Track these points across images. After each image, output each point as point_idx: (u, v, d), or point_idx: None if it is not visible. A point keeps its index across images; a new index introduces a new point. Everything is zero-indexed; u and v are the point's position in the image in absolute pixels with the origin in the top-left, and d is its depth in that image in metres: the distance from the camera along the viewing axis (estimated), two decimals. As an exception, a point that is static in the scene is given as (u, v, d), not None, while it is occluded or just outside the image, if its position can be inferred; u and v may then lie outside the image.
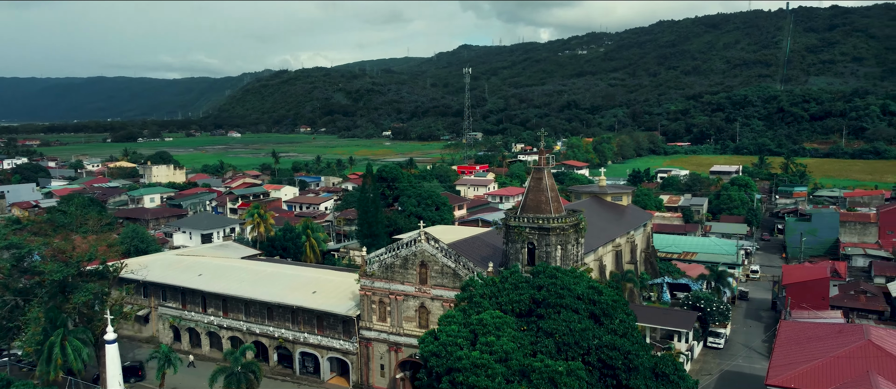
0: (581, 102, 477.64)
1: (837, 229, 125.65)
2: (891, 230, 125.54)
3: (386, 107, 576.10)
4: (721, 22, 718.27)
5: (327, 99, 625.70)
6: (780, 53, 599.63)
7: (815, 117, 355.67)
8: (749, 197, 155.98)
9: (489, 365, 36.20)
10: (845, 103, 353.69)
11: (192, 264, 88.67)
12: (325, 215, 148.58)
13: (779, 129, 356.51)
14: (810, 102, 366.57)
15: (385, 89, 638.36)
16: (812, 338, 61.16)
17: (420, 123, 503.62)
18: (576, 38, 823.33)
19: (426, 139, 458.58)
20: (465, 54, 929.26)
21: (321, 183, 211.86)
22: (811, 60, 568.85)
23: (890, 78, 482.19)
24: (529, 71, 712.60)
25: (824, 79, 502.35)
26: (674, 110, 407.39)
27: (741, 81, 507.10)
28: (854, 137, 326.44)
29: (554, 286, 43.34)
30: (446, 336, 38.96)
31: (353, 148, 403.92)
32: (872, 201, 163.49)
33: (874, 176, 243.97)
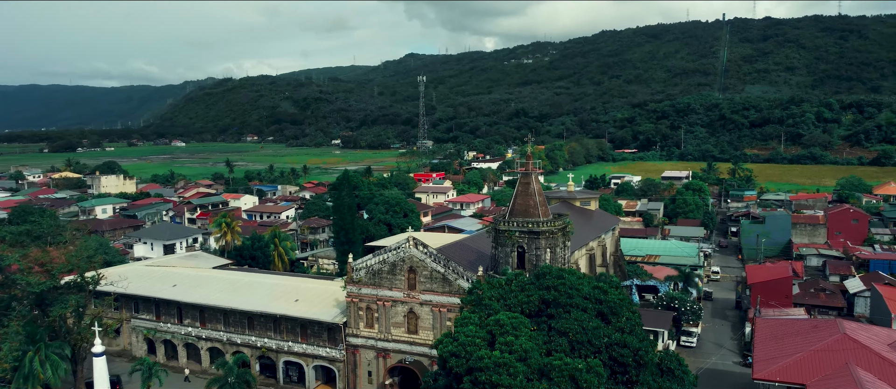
0: (529, 110, 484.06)
1: (789, 230, 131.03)
2: (838, 231, 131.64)
3: (334, 115, 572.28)
4: (661, 32, 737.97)
5: (274, 107, 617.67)
6: (717, 63, 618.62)
7: (754, 124, 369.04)
8: (703, 201, 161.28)
9: (511, 364, 36.93)
10: (783, 111, 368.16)
11: (164, 274, 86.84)
12: (288, 224, 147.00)
13: (721, 135, 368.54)
14: (750, 110, 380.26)
15: (333, 98, 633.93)
16: (789, 333, 63.94)
17: (370, 131, 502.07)
18: (521, 48, 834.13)
19: (377, 148, 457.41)
20: (411, 63, 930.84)
21: (278, 192, 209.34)
22: (747, 69, 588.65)
23: (820, 86, 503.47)
24: (476, 80, 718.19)
25: (760, 87, 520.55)
26: (620, 118, 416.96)
27: (682, 89, 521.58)
28: (791, 143, 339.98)
29: (563, 286, 44.44)
30: (465, 337, 39.52)
31: (302, 157, 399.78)
32: (816, 203, 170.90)
33: (813, 180, 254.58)
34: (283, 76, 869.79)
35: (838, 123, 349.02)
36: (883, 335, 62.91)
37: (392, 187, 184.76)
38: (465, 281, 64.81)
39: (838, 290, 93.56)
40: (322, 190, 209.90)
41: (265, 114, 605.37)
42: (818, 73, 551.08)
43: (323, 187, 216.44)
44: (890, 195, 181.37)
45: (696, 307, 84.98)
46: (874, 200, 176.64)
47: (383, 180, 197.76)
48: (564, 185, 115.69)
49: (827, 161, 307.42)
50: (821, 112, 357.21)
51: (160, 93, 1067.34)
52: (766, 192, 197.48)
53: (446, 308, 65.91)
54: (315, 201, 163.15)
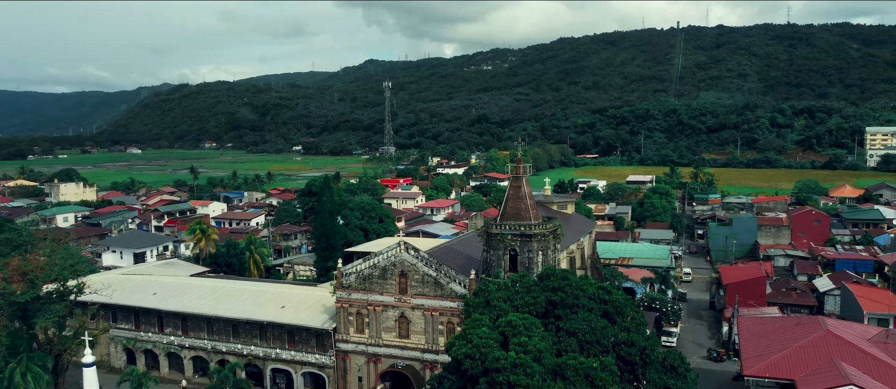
0: (491, 116, 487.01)
1: (755, 232, 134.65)
2: (802, 233, 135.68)
3: (295, 121, 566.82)
4: (618, 39, 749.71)
5: (233, 114, 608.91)
6: (672, 70, 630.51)
7: (711, 129, 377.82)
8: (670, 205, 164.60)
9: (527, 364, 37.38)
10: (738, 116, 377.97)
11: (142, 283, 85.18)
12: (259, 231, 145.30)
13: (679, 140, 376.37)
14: (707, 116, 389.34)
15: (293, 104, 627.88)
16: (773, 331, 65.86)
17: (331, 137, 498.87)
18: (480, 54, 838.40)
19: (339, 154, 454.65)
20: (371, 69, 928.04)
21: (244, 199, 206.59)
22: (701, 75, 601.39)
23: (771, 92, 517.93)
24: (436, 86, 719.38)
25: (714, 94, 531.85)
26: (581, 124, 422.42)
27: (639, 95, 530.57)
28: (747, 147, 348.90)
29: (569, 287, 45.14)
30: (479, 339, 39.83)
31: (263, 163, 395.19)
32: (777, 206, 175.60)
33: (770, 183, 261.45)
34: (241, 82, 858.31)
35: (791, 129, 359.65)
36: (861, 330, 65.26)
37: (361, 193, 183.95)
38: (458, 285, 65.18)
39: (808, 289, 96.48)
40: (290, 197, 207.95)
41: (224, 120, 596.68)
42: (769, 79, 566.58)
43: (290, 194, 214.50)
44: (845, 198, 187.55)
45: (676, 308, 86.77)
46: (830, 202, 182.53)
47: (352, 186, 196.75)
48: (540, 190, 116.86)
49: (781, 165, 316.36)
50: (774, 118, 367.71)
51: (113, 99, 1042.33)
52: (727, 195, 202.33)
53: (438, 312, 66.17)
54: (286, 208, 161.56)
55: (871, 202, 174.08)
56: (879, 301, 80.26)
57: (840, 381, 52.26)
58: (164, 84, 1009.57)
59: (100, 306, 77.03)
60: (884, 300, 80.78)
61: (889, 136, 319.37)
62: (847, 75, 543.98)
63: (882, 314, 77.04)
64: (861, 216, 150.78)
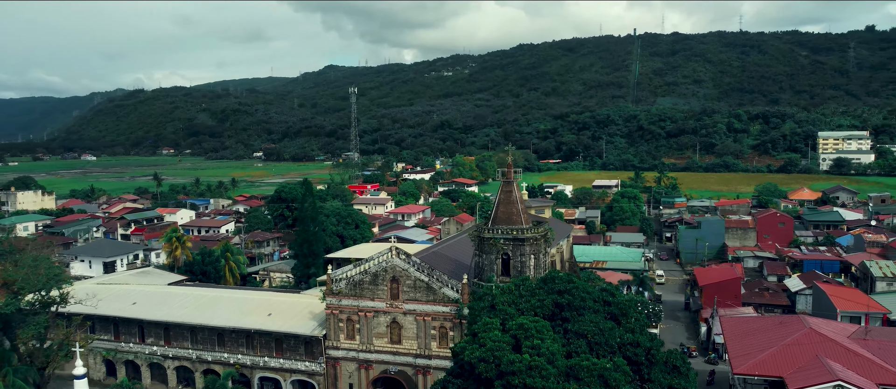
0: (453, 122, 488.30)
1: (723, 235, 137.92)
2: (767, 234, 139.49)
3: (255, 127, 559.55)
4: (576, 46, 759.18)
5: (191, 119, 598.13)
6: (630, 76, 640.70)
7: (670, 135, 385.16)
8: (638, 209, 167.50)
9: (542, 367, 37.88)
10: (696, 122, 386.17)
11: (121, 292, 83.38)
12: (230, 238, 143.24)
13: (640, 145, 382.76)
14: (666, 121, 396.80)
15: (252, 109, 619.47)
16: (756, 330, 67.62)
17: (293, 143, 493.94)
18: (441, 60, 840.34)
19: (301, 160, 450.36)
20: (331, 75, 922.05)
21: (211, 206, 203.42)
22: (658, 82, 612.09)
23: (725, 98, 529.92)
24: (397, 92, 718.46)
25: (670, 99, 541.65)
26: (543, 129, 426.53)
27: (597, 101, 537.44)
28: (705, 152, 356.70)
29: (576, 290, 45.82)
30: (492, 342, 40.18)
31: (224, 170, 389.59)
32: (740, 209, 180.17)
33: (729, 187, 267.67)
34: (199, 88, 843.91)
35: (747, 134, 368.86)
36: (840, 328, 67.44)
37: (331, 199, 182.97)
38: (451, 290, 65.48)
39: (780, 289, 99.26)
40: (257, 203, 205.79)
41: (181, 126, 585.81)
42: (723, 85, 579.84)
43: (258, 201, 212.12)
44: (803, 200, 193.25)
45: (657, 309, 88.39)
46: (790, 204, 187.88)
47: (321, 192, 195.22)
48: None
49: (739, 169, 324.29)
50: (731, 123, 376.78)
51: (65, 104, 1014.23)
52: (690, 199, 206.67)
53: (431, 317, 66.35)
54: (256, 215, 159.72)
55: (829, 205, 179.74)
56: (851, 300, 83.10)
57: (828, 377, 54.00)
58: (118, 89, 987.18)
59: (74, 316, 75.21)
60: (855, 299, 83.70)
61: (840, 140, 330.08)
62: (797, 82, 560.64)
63: (855, 313, 79.65)
64: (822, 218, 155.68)
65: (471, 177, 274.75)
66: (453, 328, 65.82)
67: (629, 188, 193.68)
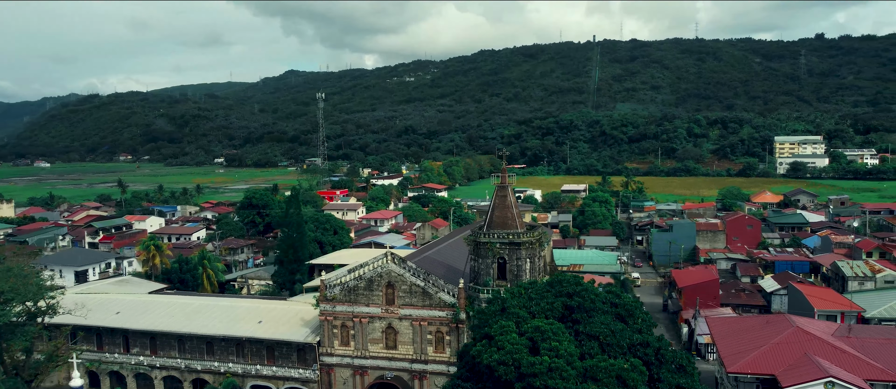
0: (417, 127, 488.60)
1: (694, 237, 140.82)
2: (736, 237, 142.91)
3: (215, 133, 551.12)
4: (537, 52, 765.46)
5: (148, 125, 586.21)
6: (590, 82, 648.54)
7: (632, 140, 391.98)
8: (609, 212, 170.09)
9: (563, 368, 38.49)
10: (657, 127, 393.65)
11: (103, 301, 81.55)
12: (202, 245, 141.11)
13: (603, 150, 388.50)
14: (628, 126, 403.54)
15: (212, 115, 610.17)
16: (744, 330, 69.45)
17: (255, 149, 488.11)
18: (403, 66, 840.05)
19: (263, 166, 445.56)
20: (292, 80, 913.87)
21: (178, 213, 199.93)
22: (617, 87, 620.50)
23: (683, 104, 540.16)
24: (359, 97, 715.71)
25: (629, 105, 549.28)
26: (507, 134, 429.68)
27: (558, 106, 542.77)
28: (667, 156, 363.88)
29: (586, 292, 46.62)
30: (510, 345, 40.64)
31: (185, 176, 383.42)
32: (707, 212, 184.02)
33: (691, 190, 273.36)
34: (156, 93, 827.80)
35: (707, 138, 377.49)
36: (824, 327, 69.72)
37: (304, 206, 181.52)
38: (447, 295, 65.75)
39: (755, 290, 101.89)
40: (225, 210, 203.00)
41: (139, 132, 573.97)
42: (680, 91, 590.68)
43: (226, 207, 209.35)
44: (766, 203, 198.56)
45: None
46: (753, 207, 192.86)
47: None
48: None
49: (700, 173, 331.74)
50: (691, 128, 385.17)
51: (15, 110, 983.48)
52: (657, 202, 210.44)
53: (427, 322, 66.51)
54: (229, 222, 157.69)
55: (791, 208, 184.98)
56: (827, 299, 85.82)
57: (819, 374, 55.83)
58: (71, 94, 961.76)
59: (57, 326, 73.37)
60: (830, 298, 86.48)
61: (796, 145, 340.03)
62: (751, 88, 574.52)
63: (831, 311, 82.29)
64: (786, 220, 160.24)
65: (439, 182, 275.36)
66: (450, 333, 66.12)
67: (598, 193, 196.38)
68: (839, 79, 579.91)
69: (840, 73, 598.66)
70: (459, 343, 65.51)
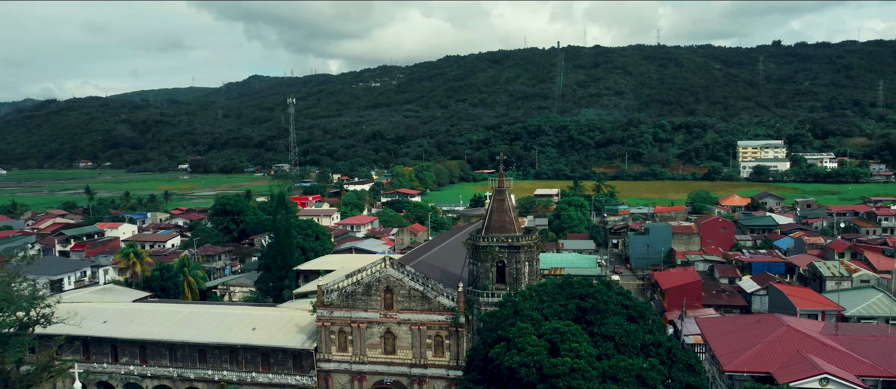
0: (385, 132, 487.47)
1: (670, 240, 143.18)
2: (710, 239, 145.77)
3: (179, 139, 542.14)
4: (502, 58, 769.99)
5: (109, 131, 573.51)
6: (555, 87, 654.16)
7: (599, 144, 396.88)
8: (585, 216, 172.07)
9: (585, 369, 39.01)
10: (623, 132, 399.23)
11: (88, 311, 79.65)
12: (178, 253, 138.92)
13: (571, 155, 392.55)
14: (595, 131, 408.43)
15: (175, 120, 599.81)
16: (735, 329, 70.96)
17: (220, 155, 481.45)
18: (368, 71, 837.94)
19: (229, 172, 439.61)
20: (256, 85, 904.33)
21: (148, 220, 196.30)
22: (581, 93, 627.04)
23: (646, 109, 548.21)
24: (325, 102, 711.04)
25: (593, 110, 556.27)
26: (476, 140, 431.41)
27: (524, 112, 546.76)
28: (633, 161, 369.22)
29: (599, 293, 47.28)
30: (531, 347, 41.01)
31: (149, 183, 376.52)
32: (678, 215, 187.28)
33: (659, 194, 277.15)
34: (116, 98, 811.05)
35: (672, 143, 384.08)
36: (811, 325, 71.65)
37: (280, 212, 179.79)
38: (446, 298, 66.03)
39: (735, 291, 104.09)
40: (197, 216, 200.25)
41: (99, 138, 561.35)
42: (643, 97, 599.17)
43: (197, 214, 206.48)
44: (735, 206, 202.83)
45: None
46: (723, 210, 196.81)
47: (265, 204, 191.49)
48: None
49: (666, 177, 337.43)
50: (657, 133, 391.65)
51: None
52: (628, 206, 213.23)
53: (426, 326, 66.66)
54: (205, 228, 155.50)
55: (760, 210, 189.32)
56: (808, 299, 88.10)
57: (814, 371, 57.39)
58: (26, 100, 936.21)
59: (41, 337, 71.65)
60: (810, 298, 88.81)
61: (758, 149, 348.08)
62: (712, 93, 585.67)
63: (812, 310, 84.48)
64: (757, 223, 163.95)
65: (411, 187, 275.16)
66: (449, 337, 66.40)
67: (574, 197, 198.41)
68: (796, 85, 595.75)
69: (797, 79, 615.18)
70: (459, 347, 65.86)
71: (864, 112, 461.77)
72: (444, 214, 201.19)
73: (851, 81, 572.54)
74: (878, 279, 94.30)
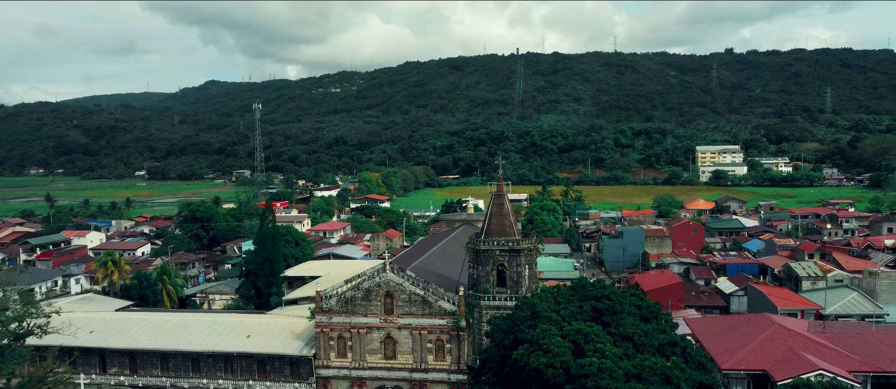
0: (348, 138, 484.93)
1: (643, 243, 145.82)
2: (681, 242, 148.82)
3: (134, 145, 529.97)
4: (462, 64, 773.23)
5: (61, 137, 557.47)
6: (514, 94, 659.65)
7: (562, 150, 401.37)
8: (557, 221, 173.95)
9: (613, 369, 39.69)
10: (585, 137, 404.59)
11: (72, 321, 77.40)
12: (151, 261, 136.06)
13: (534, 161, 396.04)
14: (557, 137, 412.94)
15: (130, 126, 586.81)
16: (726, 329, 72.75)
17: (178, 161, 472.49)
18: (328, 77, 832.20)
19: (188, 179, 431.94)
20: (213, 90, 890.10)
21: (113, 228, 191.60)
22: (541, 99, 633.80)
23: (604, 115, 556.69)
24: (284, 108, 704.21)
25: (553, 116, 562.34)
26: (440, 145, 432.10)
27: (484, 118, 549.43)
28: (596, 166, 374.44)
29: (615, 295, 48.10)
30: (557, 348, 41.51)
31: (105, 190, 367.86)
32: (646, 219, 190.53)
33: (623, 199, 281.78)
34: (67, 103, 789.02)
35: (633, 148, 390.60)
36: (797, 324, 73.90)
37: (247, 218, 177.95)
38: (447, 303, 66.24)
39: (713, 291, 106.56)
40: (163, 224, 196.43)
41: (51, 144, 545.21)
42: (602, 103, 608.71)
43: (163, 221, 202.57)
44: (700, 210, 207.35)
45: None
46: (688, 214, 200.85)
47: (233, 211, 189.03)
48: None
49: (628, 182, 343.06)
50: (618, 138, 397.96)
51: None
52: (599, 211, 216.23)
53: (427, 330, 66.74)
54: (174, 236, 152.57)
55: (726, 214, 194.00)
56: (787, 298, 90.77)
57: (809, 368, 59.25)
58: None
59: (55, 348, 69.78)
60: (789, 298, 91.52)
61: (716, 153, 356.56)
62: (668, 99, 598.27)
63: (792, 309, 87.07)
64: (724, 226, 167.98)
65: (379, 193, 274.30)
66: (450, 341, 66.59)
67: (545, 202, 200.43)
68: (748, 91, 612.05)
69: (749, 85, 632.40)
70: (461, 351, 66.14)
71: (813, 118, 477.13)
72: (415, 219, 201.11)
73: (800, 88, 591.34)
74: (850, 278, 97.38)
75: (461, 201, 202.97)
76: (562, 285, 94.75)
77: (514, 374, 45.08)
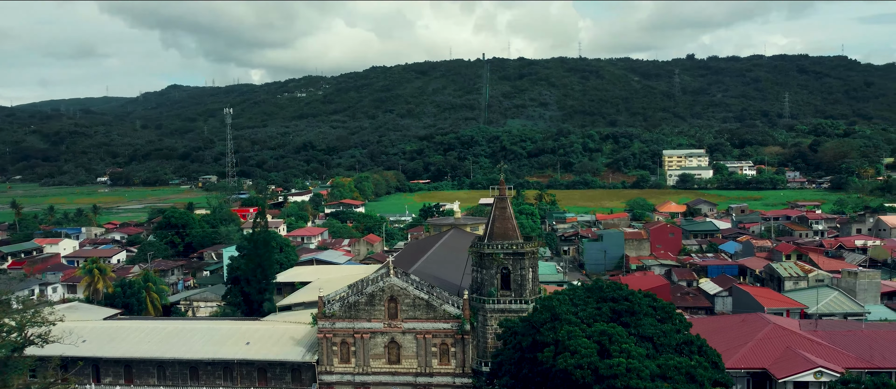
0: (316, 143, 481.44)
1: (622, 246, 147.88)
2: (659, 244, 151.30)
3: (96, 150, 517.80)
4: (428, 69, 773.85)
5: (18, 142, 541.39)
6: (481, 98, 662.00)
7: (531, 154, 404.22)
8: (536, 224, 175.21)
9: (640, 368, 40.32)
10: (554, 142, 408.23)
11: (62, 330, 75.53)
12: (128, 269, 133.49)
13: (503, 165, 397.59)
14: (526, 141, 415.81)
15: (91, 132, 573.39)
16: (722, 329, 74.13)
17: (142, 167, 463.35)
18: (293, 81, 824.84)
19: (153, 184, 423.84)
20: (175, 94, 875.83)
21: (83, 235, 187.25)
22: (507, 104, 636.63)
23: (570, 120, 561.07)
24: (249, 113, 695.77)
25: (519, 121, 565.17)
26: (410, 150, 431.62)
27: (451, 123, 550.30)
28: (565, 170, 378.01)
29: (632, 296, 48.78)
30: (584, 349, 41.97)
31: (67, 197, 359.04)
32: (621, 222, 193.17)
33: (593, 202, 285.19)
34: (23, 108, 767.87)
35: (601, 153, 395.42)
36: (790, 323, 75.75)
37: (221, 225, 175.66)
38: (452, 306, 66.38)
39: (697, 292, 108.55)
40: (134, 231, 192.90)
41: (7, 150, 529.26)
42: (567, 108, 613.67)
43: (134, 228, 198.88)
44: (672, 212, 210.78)
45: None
46: (661, 217, 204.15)
47: (209, 217, 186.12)
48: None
49: (597, 186, 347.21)
50: (586, 143, 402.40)
51: None
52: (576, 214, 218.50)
53: (431, 334, 66.79)
54: (152, 243, 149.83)
55: (699, 216, 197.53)
56: (772, 298, 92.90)
57: (808, 365, 61.00)
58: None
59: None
60: (774, 298, 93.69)
61: (683, 157, 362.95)
62: (632, 104, 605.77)
63: (778, 309, 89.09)
64: (699, 228, 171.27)
65: (351, 198, 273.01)
66: (455, 345, 66.73)
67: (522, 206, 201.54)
68: (710, 96, 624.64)
69: (710, 91, 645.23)
70: (465, 355, 66.34)
71: (773, 122, 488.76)
72: (391, 224, 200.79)
73: (760, 93, 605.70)
74: (830, 278, 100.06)
75: (439, 206, 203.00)
76: (558, 288, 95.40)
77: (534, 376, 45.46)
